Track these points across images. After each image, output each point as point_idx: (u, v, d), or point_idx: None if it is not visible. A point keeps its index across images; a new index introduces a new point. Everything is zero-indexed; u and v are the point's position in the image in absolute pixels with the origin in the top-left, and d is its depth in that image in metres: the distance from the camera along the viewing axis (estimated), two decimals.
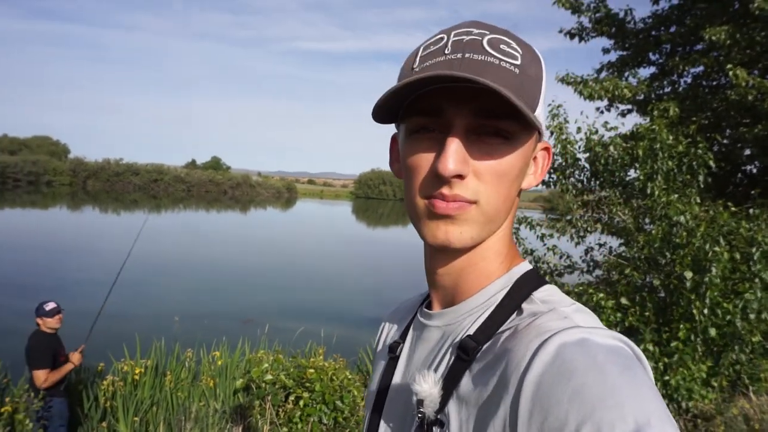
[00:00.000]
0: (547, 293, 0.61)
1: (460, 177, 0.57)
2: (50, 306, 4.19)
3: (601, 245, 5.99)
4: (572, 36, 7.68)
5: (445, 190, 0.57)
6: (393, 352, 0.74)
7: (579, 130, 5.54)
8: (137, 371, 4.97)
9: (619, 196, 5.44)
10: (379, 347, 0.83)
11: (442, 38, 0.59)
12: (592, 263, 6.04)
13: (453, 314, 0.64)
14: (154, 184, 69.47)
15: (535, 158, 0.64)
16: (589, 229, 5.93)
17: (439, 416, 0.57)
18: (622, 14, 7.32)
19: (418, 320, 0.71)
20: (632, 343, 0.52)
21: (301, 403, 4.24)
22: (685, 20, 7.16)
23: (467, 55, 0.56)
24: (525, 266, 0.65)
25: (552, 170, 5.88)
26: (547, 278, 5.15)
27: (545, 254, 5.65)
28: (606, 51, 7.76)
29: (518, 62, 0.57)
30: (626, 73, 7.33)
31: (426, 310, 0.70)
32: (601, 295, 4.48)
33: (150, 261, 17.89)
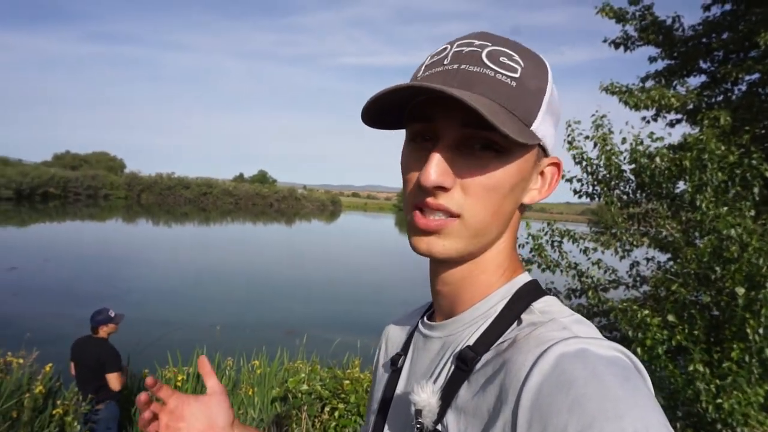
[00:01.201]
0: (546, 304, 0.61)
1: (444, 189, 0.57)
2: (114, 313, 4.39)
3: (648, 260, 5.76)
4: (617, 45, 7.47)
5: (429, 199, 0.58)
6: (395, 364, 0.74)
7: (624, 140, 5.37)
8: (179, 378, 5.12)
9: (666, 209, 5.23)
10: (381, 357, 0.83)
11: (445, 49, 0.60)
12: (638, 278, 5.81)
13: (453, 325, 0.64)
14: (204, 197, 71.82)
15: (542, 173, 0.64)
16: (635, 242, 5.72)
17: (437, 426, 0.57)
18: (669, 21, 7.08)
19: (420, 331, 0.71)
20: (631, 354, 0.51)
21: (337, 414, 4.25)
22: (738, 26, 6.85)
23: (463, 67, 0.57)
24: (525, 277, 0.65)
25: (596, 182, 5.72)
26: (590, 293, 5.01)
27: (588, 268, 5.47)
28: (653, 60, 7.50)
29: (516, 75, 0.57)
30: (674, 82, 7.07)
31: (427, 321, 0.70)
32: (646, 312, 4.30)
33: (196, 271, 18.46)
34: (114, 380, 4.23)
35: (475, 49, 0.58)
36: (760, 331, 3.81)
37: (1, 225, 33.14)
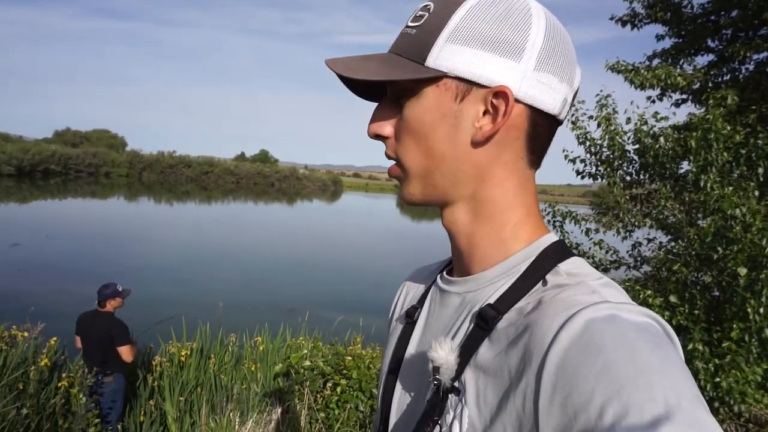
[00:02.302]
0: (574, 265, 0.58)
1: (385, 137, 0.63)
2: (121, 287, 4.43)
3: (649, 240, 5.77)
4: (624, 23, 7.37)
5: (385, 149, 0.64)
6: (410, 317, 0.73)
7: (629, 120, 5.33)
8: (183, 353, 5.16)
9: (669, 190, 5.21)
10: (396, 311, 0.82)
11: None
12: (640, 259, 5.82)
13: (474, 282, 0.63)
14: (205, 176, 71.77)
15: (494, 106, 0.58)
16: (637, 223, 5.72)
17: (455, 384, 0.57)
18: None
19: (438, 285, 0.70)
20: (662, 320, 0.50)
21: (339, 389, 4.30)
22: (747, 4, 6.75)
23: (401, 30, 0.63)
24: (551, 237, 0.63)
25: (599, 162, 5.70)
26: None
27: (590, 249, 5.48)
28: (660, 38, 7.40)
29: (420, 23, 0.60)
30: (681, 61, 6.99)
31: (447, 275, 0.69)
32: (649, 292, 4.31)
33: (199, 249, 18.53)
34: (126, 353, 4.30)
35: (412, 13, 0.63)
36: (761, 310, 3.82)
37: (3, 201, 33.18)
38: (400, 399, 0.68)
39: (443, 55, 0.57)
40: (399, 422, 0.67)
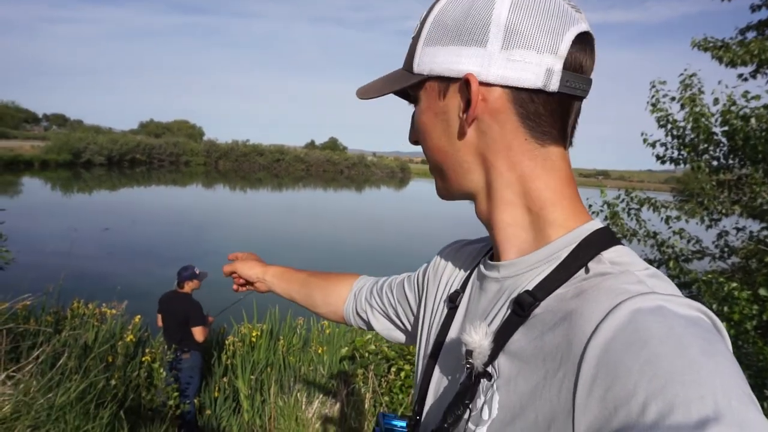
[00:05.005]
0: (618, 254, 0.56)
1: (417, 143, 0.69)
2: (198, 270, 4.66)
3: (738, 229, 5.35)
4: None
5: None
6: (453, 302, 0.73)
7: (716, 101, 4.93)
8: (254, 334, 5.38)
9: (763, 175, 4.80)
10: (439, 285, 0.81)
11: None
12: (726, 249, 5.42)
13: (513, 267, 0.62)
14: (277, 163, 73.99)
15: (466, 95, 0.59)
16: (725, 211, 5.31)
17: (487, 369, 0.56)
18: None
19: (480, 270, 0.69)
20: (712, 314, 0.47)
21: (402, 374, 4.33)
22: None
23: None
24: (595, 224, 0.60)
25: (682, 146, 5.33)
26: (671, 264, 4.70)
27: (670, 238, 5.16)
28: (756, 8, 6.78)
29: (414, 33, 0.65)
30: None
31: (488, 260, 0.68)
32: (734, 284, 4.00)
33: (270, 235, 19.21)
34: (198, 333, 4.52)
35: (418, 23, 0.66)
36: None
37: (96, 189, 35.86)
38: (438, 382, 0.69)
39: (423, 60, 0.62)
40: (434, 405, 0.68)
